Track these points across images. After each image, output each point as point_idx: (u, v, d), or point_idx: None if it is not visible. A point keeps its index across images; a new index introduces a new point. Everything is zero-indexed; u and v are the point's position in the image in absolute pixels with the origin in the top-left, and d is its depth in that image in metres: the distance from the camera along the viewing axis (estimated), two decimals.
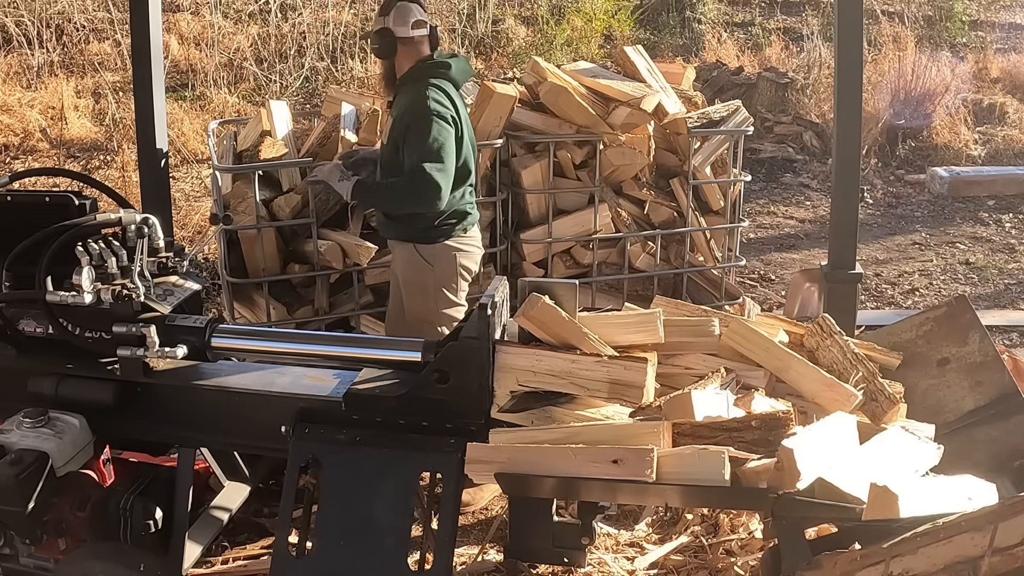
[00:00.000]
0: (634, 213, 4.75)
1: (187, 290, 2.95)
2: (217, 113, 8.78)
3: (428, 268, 3.68)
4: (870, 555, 2.11)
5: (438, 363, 2.53)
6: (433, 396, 2.53)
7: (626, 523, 3.47)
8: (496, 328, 2.56)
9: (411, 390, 2.58)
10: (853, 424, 2.43)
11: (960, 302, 2.93)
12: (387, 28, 3.59)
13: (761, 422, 2.34)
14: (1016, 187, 8.10)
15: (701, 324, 2.77)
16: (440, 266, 3.69)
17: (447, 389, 2.52)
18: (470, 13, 11.02)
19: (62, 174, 4.21)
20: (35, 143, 8.33)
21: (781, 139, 9.01)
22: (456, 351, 2.52)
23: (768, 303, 5.89)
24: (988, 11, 13.27)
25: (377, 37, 3.63)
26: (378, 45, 3.64)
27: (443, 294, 3.71)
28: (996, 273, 6.54)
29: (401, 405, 2.58)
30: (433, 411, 2.56)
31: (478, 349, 2.48)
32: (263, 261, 4.27)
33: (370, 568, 2.52)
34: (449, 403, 2.53)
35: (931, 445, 2.48)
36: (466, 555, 3.28)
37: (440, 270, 3.69)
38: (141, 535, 2.74)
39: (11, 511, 2.58)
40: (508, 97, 4.36)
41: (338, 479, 2.57)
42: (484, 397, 2.52)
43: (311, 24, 10.41)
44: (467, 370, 2.50)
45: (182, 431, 2.86)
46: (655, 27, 11.87)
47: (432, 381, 2.53)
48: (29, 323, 2.84)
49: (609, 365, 2.43)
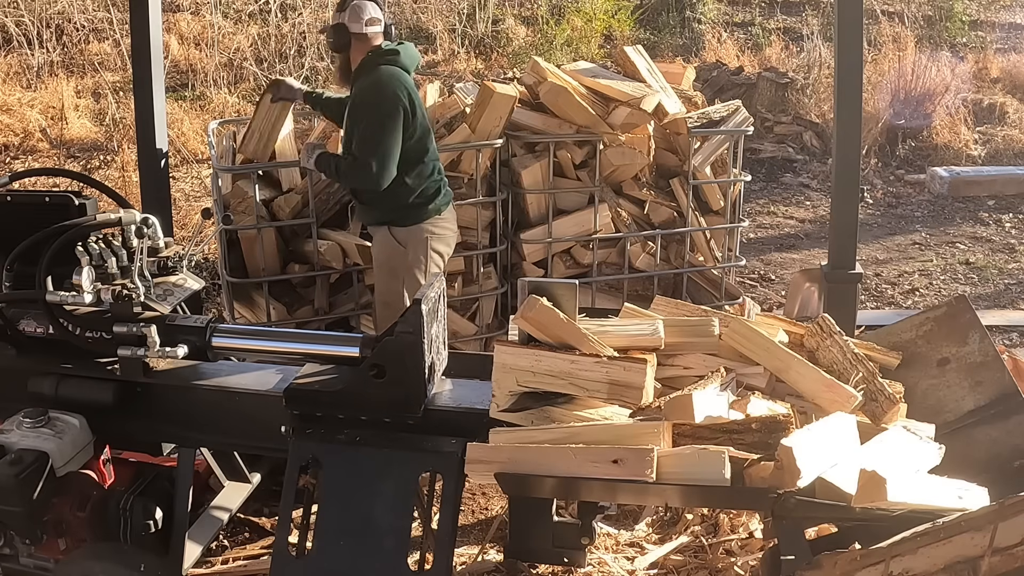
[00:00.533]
0: (634, 213, 4.75)
1: (187, 290, 2.95)
2: (217, 113, 8.78)
3: (401, 250, 3.82)
4: (870, 555, 2.11)
5: (375, 358, 2.58)
6: (371, 390, 2.59)
7: (626, 523, 3.47)
8: (432, 324, 2.61)
9: (349, 385, 2.63)
10: (853, 424, 2.43)
11: (960, 302, 2.93)
12: (342, 24, 3.75)
13: (761, 424, 2.34)
14: (1016, 187, 8.10)
15: (701, 324, 2.77)
16: (412, 248, 3.81)
17: (385, 383, 2.57)
18: (470, 13, 11.03)
19: (62, 174, 4.21)
20: (35, 143, 8.33)
21: (781, 139, 9.01)
22: (392, 346, 2.56)
23: (768, 303, 5.89)
24: (988, 11, 13.27)
25: (332, 32, 3.79)
26: (332, 39, 3.82)
27: (412, 276, 3.82)
28: (996, 273, 6.54)
29: (340, 399, 2.63)
30: (371, 405, 2.61)
31: (413, 344, 2.52)
32: (263, 261, 4.27)
33: (370, 568, 2.52)
34: (386, 397, 2.59)
35: (932, 445, 2.48)
36: (466, 555, 3.28)
37: (412, 252, 3.81)
38: (141, 535, 2.75)
39: (11, 511, 2.58)
40: (508, 97, 4.36)
41: (338, 479, 2.58)
42: (420, 391, 2.57)
43: (311, 24, 10.41)
44: (403, 364, 2.55)
45: (182, 431, 2.86)
46: (655, 27, 11.87)
47: (370, 376, 2.58)
48: (29, 323, 2.84)
49: (608, 366, 2.43)
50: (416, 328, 2.51)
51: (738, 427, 2.36)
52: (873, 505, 2.16)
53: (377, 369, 2.56)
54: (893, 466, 2.30)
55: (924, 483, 2.32)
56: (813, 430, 2.31)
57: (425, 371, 2.57)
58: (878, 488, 2.12)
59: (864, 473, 2.15)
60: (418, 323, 2.50)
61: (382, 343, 2.59)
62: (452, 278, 4.51)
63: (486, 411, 2.56)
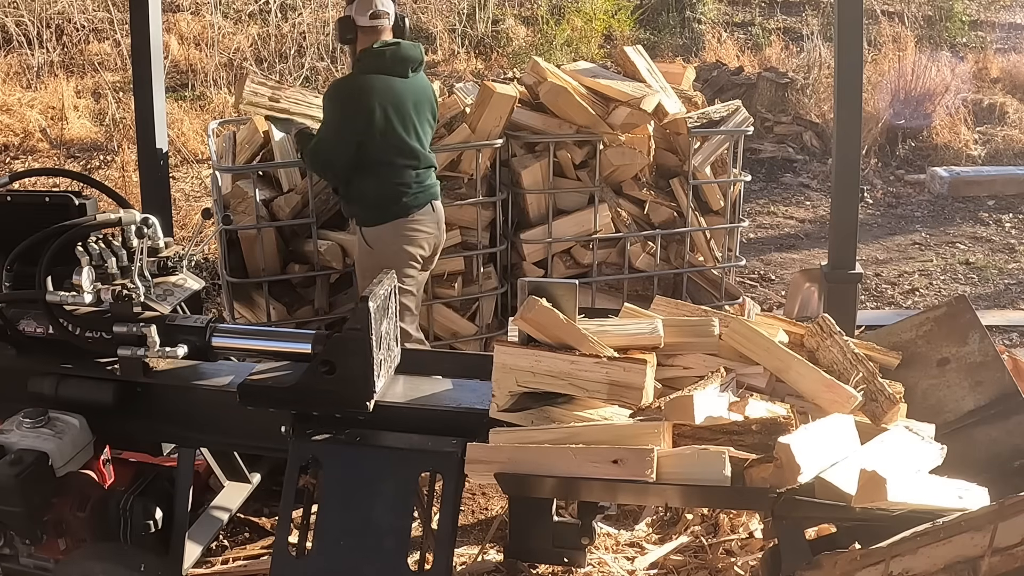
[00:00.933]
0: (634, 213, 4.75)
1: (187, 290, 2.95)
2: (217, 113, 8.78)
3: (368, 250, 3.86)
4: (870, 555, 2.11)
5: (324, 354, 2.62)
6: (321, 386, 2.62)
7: (626, 523, 3.47)
8: (381, 321, 2.64)
9: (300, 381, 2.65)
10: (851, 424, 2.43)
11: (960, 302, 2.93)
12: (349, 16, 3.80)
13: (762, 426, 2.34)
14: (1016, 187, 8.10)
15: (701, 324, 2.77)
16: (380, 249, 3.83)
17: (334, 379, 2.60)
18: (470, 13, 11.03)
19: (62, 174, 4.21)
20: (35, 143, 8.34)
21: (781, 139, 9.01)
22: (341, 343, 2.60)
23: (768, 303, 5.89)
24: (988, 11, 13.27)
25: (339, 24, 3.84)
26: (339, 31, 3.87)
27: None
28: (996, 273, 6.54)
29: (292, 395, 2.66)
30: (322, 400, 2.64)
31: (361, 340, 2.55)
32: (263, 261, 4.27)
33: (370, 568, 2.52)
34: (336, 393, 2.62)
35: (934, 445, 2.48)
36: (466, 555, 3.28)
37: (381, 253, 3.81)
38: (141, 535, 2.74)
39: (11, 511, 2.58)
40: (508, 97, 4.36)
41: (338, 479, 2.58)
42: (368, 386, 2.60)
43: (311, 24, 10.41)
44: (352, 361, 2.58)
45: (182, 431, 2.86)
46: (655, 27, 11.87)
47: (320, 372, 2.61)
48: (29, 323, 2.84)
49: (608, 366, 2.43)
50: (364, 325, 2.54)
51: (738, 428, 2.36)
52: (873, 505, 2.16)
53: (327, 365, 2.60)
54: (894, 466, 2.31)
55: (924, 483, 2.32)
56: (811, 429, 2.31)
57: (374, 368, 2.60)
58: (878, 488, 2.12)
59: (864, 473, 2.15)
60: (366, 320, 2.54)
61: (331, 340, 2.64)
62: (452, 278, 4.52)
63: (486, 411, 2.56)
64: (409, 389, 2.81)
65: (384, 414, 2.68)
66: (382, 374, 2.67)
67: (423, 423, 2.68)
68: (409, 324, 3.90)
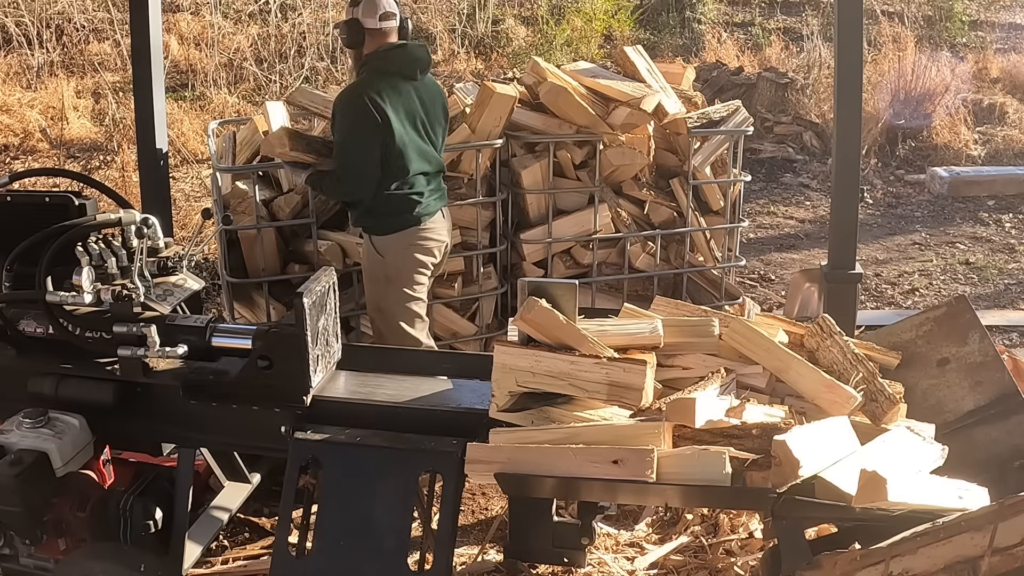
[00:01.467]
0: (634, 213, 4.75)
1: (187, 290, 2.95)
2: (217, 113, 8.78)
3: (379, 259, 3.77)
4: (870, 555, 2.11)
5: (261, 350, 2.67)
6: (260, 381, 2.67)
7: (626, 523, 3.47)
8: (319, 317, 2.68)
9: (240, 375, 2.71)
10: (848, 426, 2.42)
11: (960, 302, 2.93)
12: (356, 19, 3.67)
13: (762, 430, 2.34)
14: (1016, 187, 8.10)
15: (701, 324, 2.77)
16: (391, 258, 3.75)
17: (273, 374, 2.65)
18: (470, 13, 11.03)
19: (62, 174, 4.20)
20: (35, 143, 8.34)
21: (781, 139, 9.01)
22: (277, 338, 2.66)
23: (768, 303, 5.89)
24: (988, 11, 13.28)
25: (345, 27, 3.71)
26: (345, 35, 3.73)
27: (395, 286, 3.76)
28: (996, 273, 6.54)
29: (232, 389, 2.71)
30: (261, 395, 2.69)
31: (296, 336, 2.60)
32: (263, 261, 4.27)
33: (370, 568, 2.52)
34: (274, 387, 2.67)
35: (935, 446, 2.48)
36: (466, 555, 3.28)
37: (391, 262, 3.75)
38: (141, 535, 2.75)
39: (11, 511, 2.58)
40: (508, 97, 4.36)
41: (338, 479, 2.58)
42: (305, 381, 2.65)
43: (311, 24, 10.41)
44: (288, 356, 2.63)
45: (182, 431, 2.86)
46: (655, 27, 11.87)
47: (259, 367, 2.66)
48: (29, 323, 2.84)
49: (608, 367, 2.43)
50: (299, 321, 2.58)
51: (739, 432, 2.36)
52: (874, 505, 2.16)
53: (265, 360, 2.65)
54: (894, 466, 2.31)
55: (924, 483, 2.32)
56: (807, 429, 2.31)
57: (310, 363, 2.63)
58: (879, 488, 2.12)
59: (865, 473, 2.15)
60: (301, 316, 2.57)
61: (268, 335, 2.68)
62: (452, 278, 4.51)
63: (486, 411, 2.56)
64: (391, 387, 2.83)
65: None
66: (319, 369, 2.71)
67: (423, 423, 2.68)
68: (420, 331, 3.83)
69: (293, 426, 2.69)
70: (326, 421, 2.70)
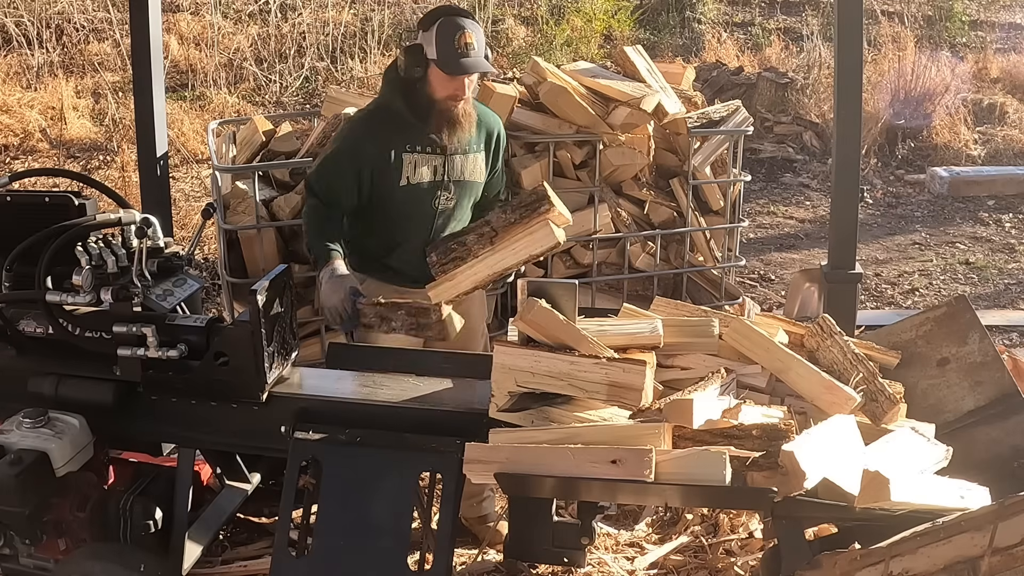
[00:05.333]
0: (634, 213, 4.75)
1: (187, 290, 2.95)
2: (217, 113, 8.78)
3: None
4: (870, 555, 2.11)
5: (216, 345, 2.69)
6: (216, 376, 2.69)
7: (626, 523, 3.48)
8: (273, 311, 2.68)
9: (197, 371, 2.71)
10: (854, 425, 2.42)
11: (960, 302, 2.93)
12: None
13: (762, 431, 2.33)
14: (1016, 187, 8.10)
15: (701, 324, 2.77)
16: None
17: (228, 370, 2.67)
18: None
19: (62, 174, 4.21)
20: (35, 143, 8.33)
21: (781, 139, 9.01)
22: (232, 334, 2.69)
23: (768, 303, 5.89)
24: (988, 11, 13.27)
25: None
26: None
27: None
28: (996, 273, 6.54)
29: (191, 385, 2.73)
30: (218, 391, 2.72)
31: (250, 332, 2.61)
32: (263, 261, 4.27)
33: (370, 568, 2.52)
34: (230, 383, 2.69)
35: (940, 447, 2.47)
36: (466, 555, 3.28)
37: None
38: (141, 535, 2.75)
39: (11, 511, 2.58)
40: (508, 97, 4.36)
41: (338, 479, 2.58)
42: (260, 377, 2.66)
43: (311, 24, 10.41)
44: (242, 352, 2.64)
45: (182, 431, 2.86)
46: (655, 27, 11.87)
47: (215, 363, 2.68)
48: (29, 323, 2.84)
49: (608, 367, 2.43)
50: (253, 318, 2.60)
51: (739, 433, 2.35)
52: (876, 505, 2.16)
53: (220, 356, 2.67)
54: (899, 467, 2.30)
55: (926, 483, 2.31)
56: (814, 433, 2.31)
57: (264, 358, 2.64)
58: (882, 488, 2.12)
59: (868, 473, 2.15)
60: (255, 313, 2.58)
61: (223, 331, 2.71)
62: None
63: (486, 411, 2.56)
64: (391, 388, 2.82)
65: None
66: (275, 365, 2.72)
67: (423, 423, 2.68)
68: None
69: (293, 426, 2.69)
70: (326, 421, 2.70)
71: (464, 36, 3.04)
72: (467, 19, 3.10)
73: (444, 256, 2.70)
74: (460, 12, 3.16)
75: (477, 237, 2.69)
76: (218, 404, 2.75)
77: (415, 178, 3.20)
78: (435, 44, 3.05)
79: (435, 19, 3.07)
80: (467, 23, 3.07)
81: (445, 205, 3.28)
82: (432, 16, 3.10)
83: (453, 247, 2.70)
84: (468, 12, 3.23)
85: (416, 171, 3.20)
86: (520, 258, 2.69)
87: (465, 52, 3.04)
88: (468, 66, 3.07)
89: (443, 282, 2.72)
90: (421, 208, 3.25)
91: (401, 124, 3.17)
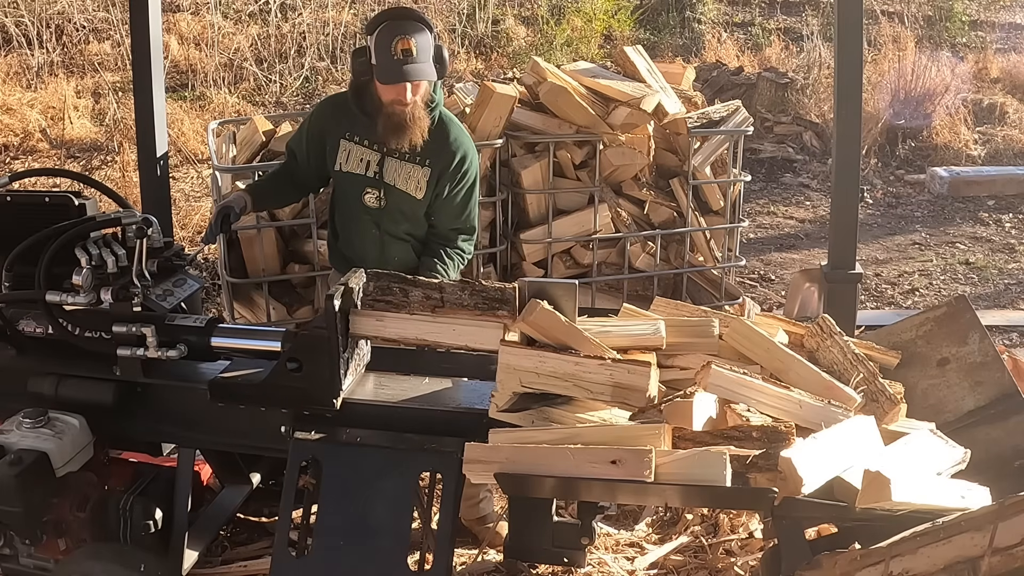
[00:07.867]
0: (634, 213, 4.75)
1: (187, 290, 2.95)
2: (217, 113, 8.78)
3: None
4: (870, 555, 2.11)
5: (291, 352, 2.62)
6: (289, 383, 2.63)
7: (626, 523, 3.48)
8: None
9: (269, 377, 2.66)
10: (873, 426, 2.42)
11: (960, 302, 2.93)
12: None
13: (762, 433, 2.33)
14: (1016, 187, 8.10)
15: (701, 325, 2.76)
16: None
17: (302, 376, 2.61)
18: (470, 13, 11.02)
19: (62, 174, 4.20)
20: (35, 143, 8.33)
21: (781, 139, 9.01)
22: (307, 341, 2.60)
23: (768, 303, 5.89)
24: (988, 11, 13.28)
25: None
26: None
27: None
28: (996, 273, 6.54)
29: (261, 392, 2.67)
30: (290, 398, 2.66)
31: (327, 339, 2.56)
32: (263, 261, 4.27)
33: (370, 568, 2.52)
34: (304, 390, 2.63)
35: (958, 449, 2.47)
36: (466, 555, 3.28)
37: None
38: (141, 535, 2.74)
39: (11, 511, 2.58)
40: (508, 97, 4.36)
41: (338, 479, 2.58)
42: (335, 384, 2.61)
43: (311, 24, 10.41)
44: (318, 358, 2.58)
45: (182, 431, 2.86)
46: (655, 27, 11.88)
47: (287, 369, 2.62)
48: (29, 323, 2.84)
49: (612, 368, 2.42)
50: (329, 324, 2.55)
51: (739, 434, 2.35)
52: (876, 505, 2.16)
53: (295, 363, 2.61)
54: (916, 469, 2.30)
55: (927, 483, 2.31)
56: (820, 437, 2.30)
57: (340, 366, 2.60)
58: (883, 488, 2.11)
59: (868, 473, 2.15)
60: (332, 319, 2.54)
61: (298, 338, 2.64)
62: None
63: (486, 411, 2.56)
64: (390, 387, 2.80)
65: (384, 414, 2.68)
66: (349, 372, 2.69)
67: (423, 423, 2.68)
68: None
69: (293, 426, 2.68)
70: (325, 421, 2.70)
71: (401, 42, 2.99)
72: (412, 22, 3.05)
73: (380, 293, 2.61)
74: (407, 15, 3.10)
75: (423, 297, 2.57)
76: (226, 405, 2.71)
77: (347, 166, 3.27)
78: (374, 50, 3.05)
79: (377, 24, 3.06)
80: (409, 27, 3.02)
81: (374, 204, 3.29)
82: (376, 20, 3.08)
83: (395, 289, 2.60)
84: (418, 14, 3.13)
85: (349, 159, 3.26)
86: (457, 343, 2.60)
87: (403, 59, 3.01)
88: (403, 73, 3.02)
89: (368, 317, 2.61)
90: (352, 199, 3.32)
91: (352, 111, 3.25)
